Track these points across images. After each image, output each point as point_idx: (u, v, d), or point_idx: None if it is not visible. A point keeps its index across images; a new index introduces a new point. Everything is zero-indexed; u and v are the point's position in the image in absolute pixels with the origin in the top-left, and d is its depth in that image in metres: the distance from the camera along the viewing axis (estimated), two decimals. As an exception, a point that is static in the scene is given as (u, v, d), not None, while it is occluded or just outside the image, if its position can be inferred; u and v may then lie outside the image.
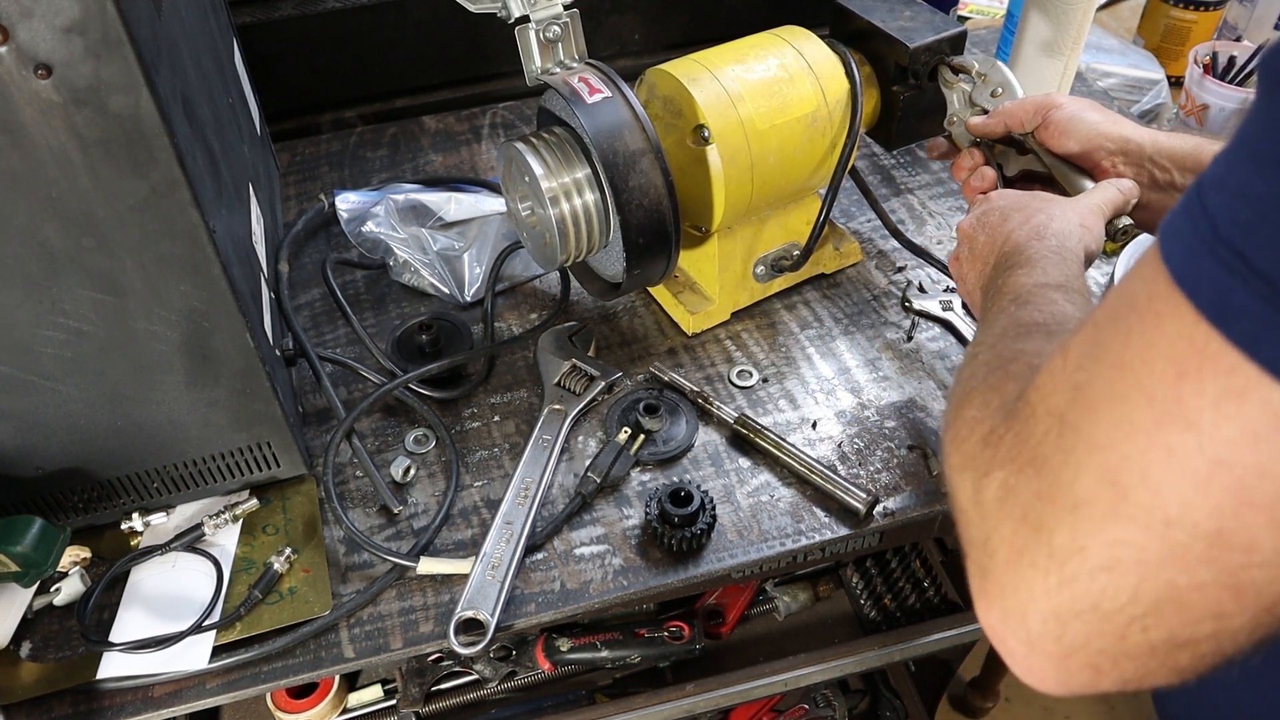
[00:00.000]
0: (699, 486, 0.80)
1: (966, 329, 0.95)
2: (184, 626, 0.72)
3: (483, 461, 0.86)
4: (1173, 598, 0.36)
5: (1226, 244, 0.33)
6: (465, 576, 0.75)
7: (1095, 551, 0.37)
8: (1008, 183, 0.85)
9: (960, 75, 0.90)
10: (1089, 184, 0.77)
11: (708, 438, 0.87)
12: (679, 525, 0.77)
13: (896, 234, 1.01)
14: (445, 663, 1.01)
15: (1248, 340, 0.33)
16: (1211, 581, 0.35)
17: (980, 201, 0.77)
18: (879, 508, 0.81)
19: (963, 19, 1.41)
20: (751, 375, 0.92)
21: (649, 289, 1.00)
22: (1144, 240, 0.96)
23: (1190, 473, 0.34)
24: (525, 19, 0.81)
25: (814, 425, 0.88)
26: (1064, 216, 0.69)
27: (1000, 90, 0.87)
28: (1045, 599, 0.38)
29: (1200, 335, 0.34)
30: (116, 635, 0.73)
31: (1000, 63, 0.87)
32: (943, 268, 0.99)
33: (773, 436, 0.85)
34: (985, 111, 0.87)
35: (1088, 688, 0.39)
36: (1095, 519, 0.37)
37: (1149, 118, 1.27)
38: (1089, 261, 0.67)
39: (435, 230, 1.02)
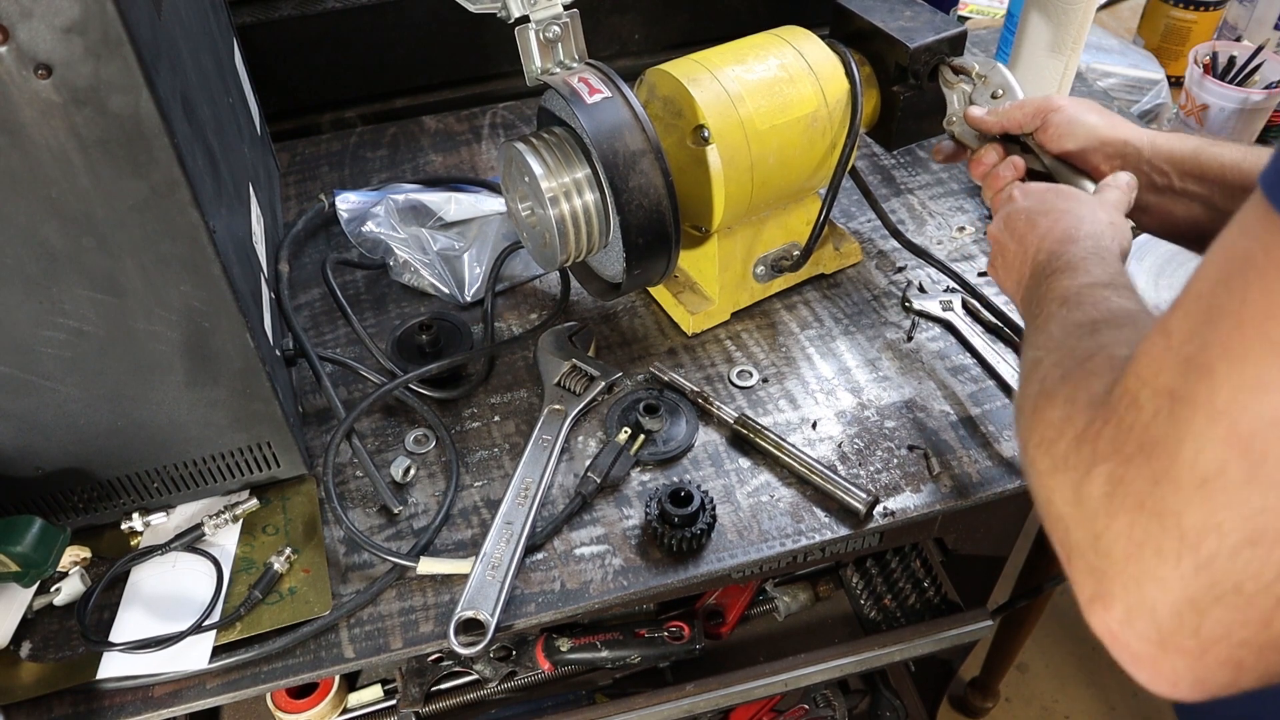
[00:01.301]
0: (699, 486, 0.80)
1: (966, 329, 0.95)
2: (184, 626, 0.72)
3: (483, 461, 0.86)
4: None
5: None
6: (465, 576, 0.75)
7: (1234, 526, 0.34)
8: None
9: (960, 76, 0.89)
10: (1090, 185, 0.77)
11: (708, 438, 0.87)
12: (679, 525, 0.77)
13: (896, 234, 1.01)
14: (445, 663, 1.01)
15: None
16: None
17: (1004, 201, 0.75)
18: (879, 508, 0.81)
19: (963, 19, 1.41)
20: (751, 375, 0.92)
21: (649, 289, 1.00)
22: (1141, 241, 0.96)
23: None
24: (525, 19, 0.81)
25: (814, 425, 0.88)
26: (1093, 217, 0.67)
27: (1001, 92, 0.86)
28: (1179, 587, 0.35)
29: None
30: (116, 635, 0.73)
31: (1001, 65, 0.87)
32: (943, 267, 0.99)
33: (773, 436, 0.85)
34: None
35: (1227, 687, 0.36)
36: (1229, 490, 0.34)
37: (1149, 118, 1.27)
38: (1123, 257, 0.65)
39: (435, 230, 1.02)
